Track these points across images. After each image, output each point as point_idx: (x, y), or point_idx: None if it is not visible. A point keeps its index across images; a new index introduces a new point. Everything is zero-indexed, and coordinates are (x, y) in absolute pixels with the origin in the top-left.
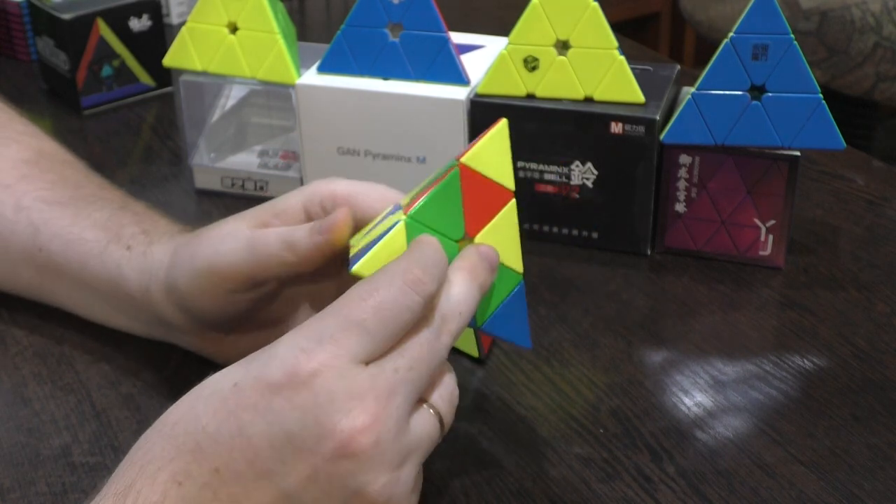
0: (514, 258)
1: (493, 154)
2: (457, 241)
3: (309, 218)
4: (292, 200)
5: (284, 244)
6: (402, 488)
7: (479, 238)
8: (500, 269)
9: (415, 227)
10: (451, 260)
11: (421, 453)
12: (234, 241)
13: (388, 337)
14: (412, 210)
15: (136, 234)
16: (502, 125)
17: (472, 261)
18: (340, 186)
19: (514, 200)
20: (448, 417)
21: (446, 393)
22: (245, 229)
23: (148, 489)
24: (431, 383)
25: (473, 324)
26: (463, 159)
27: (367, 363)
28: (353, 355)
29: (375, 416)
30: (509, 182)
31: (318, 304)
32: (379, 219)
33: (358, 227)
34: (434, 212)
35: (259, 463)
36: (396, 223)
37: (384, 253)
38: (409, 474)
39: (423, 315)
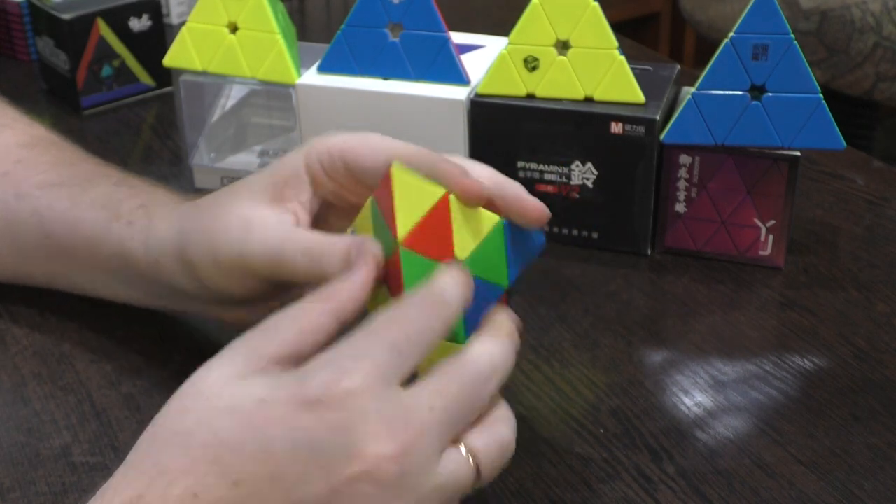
0: (476, 233)
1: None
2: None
3: (311, 176)
4: (294, 164)
5: (313, 273)
6: None
7: (461, 253)
8: (480, 247)
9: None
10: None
11: (445, 497)
12: (260, 244)
13: (418, 357)
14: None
15: (134, 209)
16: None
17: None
18: (335, 142)
19: (447, 196)
20: (488, 466)
21: (492, 440)
22: (269, 223)
23: (160, 502)
24: (476, 424)
25: (500, 292)
26: (400, 237)
27: (402, 386)
28: (389, 377)
29: (405, 447)
30: (434, 189)
31: None
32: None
33: (355, 176)
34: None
35: (282, 479)
36: None
37: None
38: None
39: (472, 360)
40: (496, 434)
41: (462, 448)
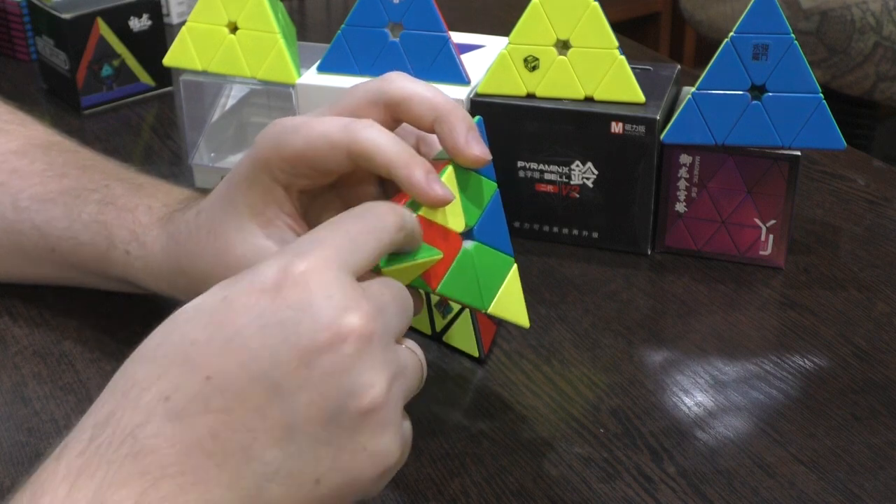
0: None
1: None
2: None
3: (283, 186)
4: (262, 184)
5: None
6: (392, 406)
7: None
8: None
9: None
10: None
11: (407, 380)
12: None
13: (372, 251)
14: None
15: (127, 240)
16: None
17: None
18: (290, 152)
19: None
20: (424, 366)
21: (415, 343)
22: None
23: (131, 412)
24: (404, 334)
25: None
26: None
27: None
28: (344, 262)
29: (370, 318)
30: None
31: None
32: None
33: (324, 172)
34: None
35: (253, 364)
36: None
37: None
38: (398, 395)
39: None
40: (417, 342)
41: (405, 345)
